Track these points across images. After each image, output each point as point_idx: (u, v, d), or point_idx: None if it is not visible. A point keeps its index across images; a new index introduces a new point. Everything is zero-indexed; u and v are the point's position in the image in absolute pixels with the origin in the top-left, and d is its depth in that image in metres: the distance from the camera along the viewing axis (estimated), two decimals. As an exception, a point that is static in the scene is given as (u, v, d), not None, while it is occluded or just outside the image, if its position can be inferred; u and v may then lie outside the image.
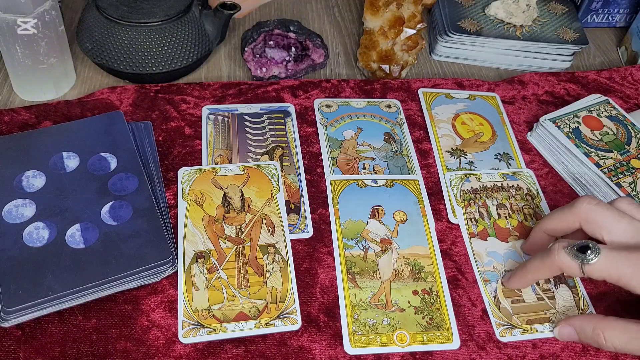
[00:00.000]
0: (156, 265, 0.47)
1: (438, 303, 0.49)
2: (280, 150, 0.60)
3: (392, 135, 0.63)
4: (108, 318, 0.46)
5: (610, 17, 0.82)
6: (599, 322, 0.45)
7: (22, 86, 0.63)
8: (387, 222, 0.55)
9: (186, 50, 0.64)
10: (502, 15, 0.75)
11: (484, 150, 0.63)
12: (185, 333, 0.46)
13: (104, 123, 0.57)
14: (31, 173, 0.52)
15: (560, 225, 0.49)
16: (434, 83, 0.69)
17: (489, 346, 0.48)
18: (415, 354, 0.47)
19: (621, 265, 0.43)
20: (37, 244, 0.47)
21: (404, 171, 0.60)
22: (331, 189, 0.57)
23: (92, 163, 0.54)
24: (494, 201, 0.57)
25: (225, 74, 0.70)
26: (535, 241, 0.52)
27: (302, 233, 0.53)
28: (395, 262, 0.52)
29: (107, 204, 0.51)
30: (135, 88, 0.63)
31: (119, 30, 0.62)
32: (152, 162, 0.56)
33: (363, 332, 0.47)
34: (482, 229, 0.55)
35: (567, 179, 0.61)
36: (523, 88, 0.70)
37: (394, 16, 0.67)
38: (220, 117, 0.62)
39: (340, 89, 0.67)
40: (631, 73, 0.73)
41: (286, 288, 0.49)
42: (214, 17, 0.67)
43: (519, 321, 0.49)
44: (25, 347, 0.44)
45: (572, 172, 0.60)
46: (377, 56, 0.69)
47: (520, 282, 0.50)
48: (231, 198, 0.54)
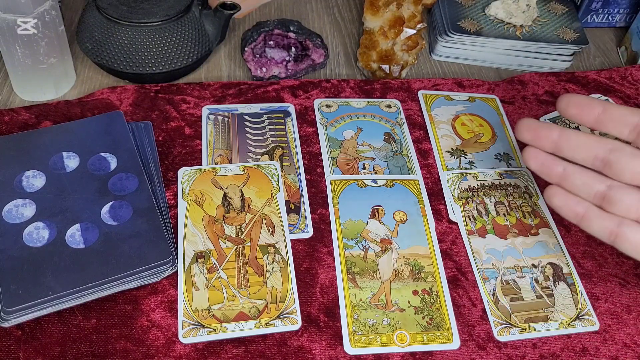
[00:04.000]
0: (156, 265, 0.47)
1: (438, 303, 0.49)
2: (280, 150, 0.60)
3: (392, 135, 0.63)
4: (108, 318, 0.46)
5: (610, 17, 0.82)
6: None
7: (22, 86, 0.63)
8: (387, 222, 0.55)
9: (186, 50, 0.64)
10: (502, 15, 0.75)
11: (484, 150, 0.63)
12: (185, 333, 0.46)
13: (104, 123, 0.57)
14: (31, 173, 0.52)
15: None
16: (434, 83, 0.69)
17: (489, 346, 0.48)
18: (415, 354, 0.47)
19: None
20: (37, 244, 0.47)
21: (404, 171, 0.60)
22: (331, 189, 0.57)
23: (92, 163, 0.54)
24: (492, 199, 0.58)
25: (225, 74, 0.70)
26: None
27: (302, 233, 0.53)
28: (395, 262, 0.52)
29: (107, 204, 0.51)
30: (135, 88, 0.63)
31: (119, 30, 0.62)
32: (152, 162, 0.56)
33: (363, 332, 0.47)
34: (481, 226, 0.55)
35: (567, 179, 0.61)
36: (523, 88, 0.70)
37: (394, 16, 0.67)
38: (220, 117, 0.62)
39: (340, 89, 0.67)
40: (631, 73, 0.73)
41: (286, 288, 0.49)
42: (214, 17, 0.67)
43: (517, 320, 0.49)
44: (25, 347, 0.44)
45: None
46: (377, 56, 0.69)
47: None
48: (231, 198, 0.54)
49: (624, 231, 0.43)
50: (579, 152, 0.44)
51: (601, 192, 0.43)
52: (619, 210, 0.43)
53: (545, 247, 0.54)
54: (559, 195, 0.45)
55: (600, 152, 0.43)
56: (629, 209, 0.42)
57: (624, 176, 0.42)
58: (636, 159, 0.42)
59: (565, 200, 0.45)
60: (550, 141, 0.45)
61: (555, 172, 0.45)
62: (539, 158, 0.45)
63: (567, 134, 0.44)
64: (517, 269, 0.52)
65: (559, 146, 0.44)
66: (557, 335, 0.49)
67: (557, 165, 0.45)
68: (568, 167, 0.44)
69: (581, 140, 0.44)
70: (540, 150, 0.45)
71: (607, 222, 0.43)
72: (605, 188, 0.43)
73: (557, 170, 0.45)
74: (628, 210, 0.42)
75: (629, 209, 0.42)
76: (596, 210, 0.44)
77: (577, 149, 0.44)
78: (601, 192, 0.43)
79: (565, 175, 0.44)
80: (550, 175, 0.45)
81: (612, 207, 0.43)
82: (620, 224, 0.43)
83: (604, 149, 0.43)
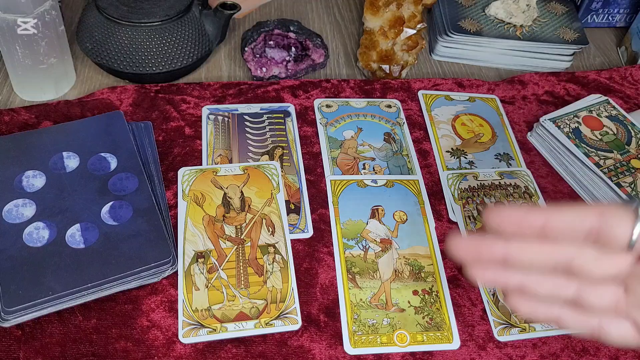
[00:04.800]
0: (156, 265, 0.47)
1: (438, 303, 0.49)
2: (280, 150, 0.60)
3: (392, 135, 0.63)
4: (108, 318, 0.46)
5: (610, 17, 0.82)
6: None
7: (22, 86, 0.63)
8: (387, 222, 0.55)
9: (186, 50, 0.64)
10: (502, 15, 0.75)
11: (484, 150, 0.63)
12: (185, 333, 0.46)
13: (104, 123, 0.57)
14: (31, 173, 0.52)
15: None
16: (434, 83, 0.69)
17: (489, 346, 0.48)
18: (415, 354, 0.47)
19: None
20: (37, 244, 0.47)
21: (404, 171, 0.60)
22: (331, 189, 0.57)
23: (92, 163, 0.54)
24: (492, 199, 0.58)
25: (225, 74, 0.70)
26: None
27: (302, 233, 0.53)
28: (395, 262, 0.52)
29: (107, 204, 0.51)
30: (135, 88, 0.63)
31: (119, 30, 0.62)
32: (152, 162, 0.56)
33: (363, 332, 0.47)
34: (481, 226, 0.55)
35: (567, 179, 0.61)
36: (523, 88, 0.70)
37: (394, 16, 0.67)
38: (220, 117, 0.62)
39: (340, 89, 0.67)
40: (631, 73, 0.73)
41: (286, 288, 0.49)
42: (214, 17, 0.67)
43: (517, 320, 0.49)
44: (25, 347, 0.44)
45: (572, 172, 0.60)
46: (377, 56, 0.69)
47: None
48: (231, 198, 0.54)
49: (606, 328, 0.38)
50: (535, 262, 0.37)
51: (571, 297, 0.38)
52: (596, 312, 0.38)
53: (545, 247, 0.54)
54: (526, 302, 0.38)
55: (560, 259, 0.37)
56: (608, 308, 0.37)
57: (593, 277, 0.37)
58: (601, 259, 0.36)
59: (534, 307, 0.38)
60: (497, 255, 0.37)
61: (512, 283, 0.38)
62: (487, 275, 0.38)
63: (516, 248, 0.37)
64: (517, 269, 0.52)
65: (510, 260, 0.37)
66: (557, 335, 0.48)
67: (513, 276, 0.38)
68: (526, 277, 0.38)
69: (535, 250, 0.37)
70: (486, 266, 0.38)
71: (586, 323, 0.38)
72: (574, 291, 0.37)
73: (513, 281, 0.38)
74: (607, 309, 0.37)
75: (607, 308, 0.37)
76: (570, 313, 0.38)
77: (533, 260, 0.37)
78: (571, 297, 0.38)
79: (525, 286, 0.38)
80: (508, 287, 0.38)
81: (588, 310, 0.38)
82: (600, 322, 0.38)
83: (564, 257, 0.37)
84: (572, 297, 0.38)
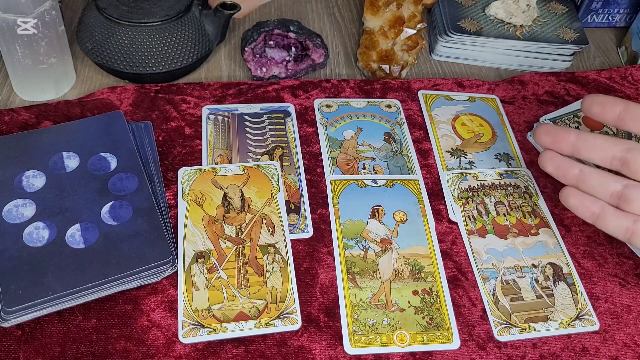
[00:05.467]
0: (156, 265, 0.47)
1: (438, 303, 0.49)
2: (280, 150, 0.60)
3: (392, 135, 0.63)
4: (108, 318, 0.46)
5: (610, 17, 0.82)
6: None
7: (22, 86, 0.63)
8: (387, 222, 0.55)
9: (186, 50, 0.64)
10: (502, 15, 0.75)
11: (484, 150, 0.63)
12: (185, 333, 0.46)
13: (104, 123, 0.57)
14: (31, 173, 0.52)
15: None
16: (434, 83, 0.69)
17: (489, 346, 0.48)
18: (415, 354, 0.47)
19: None
20: (37, 244, 0.47)
21: (404, 171, 0.60)
22: (331, 189, 0.57)
23: (92, 163, 0.54)
24: (492, 199, 0.58)
25: (225, 74, 0.70)
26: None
27: (302, 233, 0.53)
28: (395, 262, 0.52)
29: (107, 204, 0.51)
30: (135, 88, 0.63)
31: (119, 30, 0.62)
32: (152, 162, 0.56)
33: (363, 332, 0.47)
34: (481, 226, 0.55)
35: (567, 178, 0.61)
36: (523, 88, 0.70)
37: (394, 16, 0.67)
38: (220, 117, 0.62)
39: (340, 89, 0.67)
40: (631, 73, 0.73)
41: (286, 288, 0.49)
42: (214, 17, 0.67)
43: (517, 320, 0.49)
44: (25, 347, 0.44)
45: (572, 172, 0.60)
46: (377, 56, 0.69)
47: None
48: (231, 198, 0.54)
49: (638, 232, 0.43)
50: (597, 153, 0.45)
51: (617, 192, 0.44)
52: (634, 208, 0.44)
53: (545, 247, 0.54)
54: (575, 195, 0.46)
55: (618, 152, 0.44)
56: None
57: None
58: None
59: (581, 200, 0.46)
60: (569, 144, 0.46)
61: (571, 174, 0.46)
62: (555, 161, 0.47)
63: (584, 137, 0.45)
64: (517, 269, 0.52)
65: (577, 148, 0.46)
66: (557, 335, 0.49)
67: (574, 168, 0.46)
68: (584, 169, 0.46)
69: (598, 141, 0.45)
70: (556, 153, 0.47)
71: (622, 221, 0.44)
72: (621, 187, 0.44)
73: (573, 172, 0.46)
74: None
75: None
76: (612, 209, 0.45)
77: (595, 150, 0.45)
78: (617, 192, 0.44)
79: (582, 177, 0.46)
80: (567, 178, 0.46)
81: (628, 205, 0.44)
82: (636, 221, 0.44)
83: (621, 149, 0.44)
84: (618, 192, 0.44)
